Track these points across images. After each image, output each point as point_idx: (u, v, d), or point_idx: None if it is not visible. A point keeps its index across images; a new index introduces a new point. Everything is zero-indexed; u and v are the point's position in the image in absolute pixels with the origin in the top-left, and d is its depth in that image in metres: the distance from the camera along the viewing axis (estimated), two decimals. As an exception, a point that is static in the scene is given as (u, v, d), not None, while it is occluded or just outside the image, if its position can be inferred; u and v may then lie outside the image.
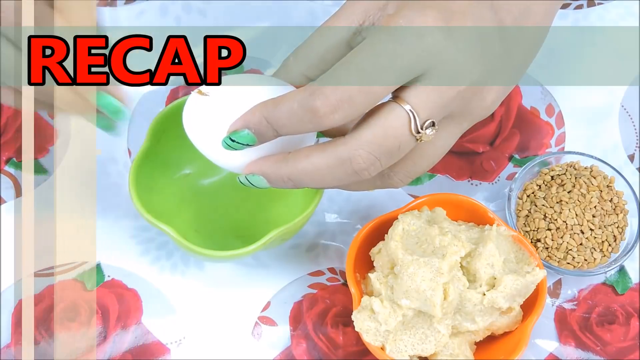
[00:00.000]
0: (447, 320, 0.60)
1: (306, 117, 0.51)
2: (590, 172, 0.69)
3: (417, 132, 0.52)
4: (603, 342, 0.66)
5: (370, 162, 0.52)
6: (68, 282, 0.67)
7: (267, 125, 0.53)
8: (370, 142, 0.52)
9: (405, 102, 0.52)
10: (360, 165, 0.52)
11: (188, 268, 0.68)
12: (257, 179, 0.56)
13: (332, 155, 0.53)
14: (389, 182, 0.57)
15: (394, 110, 0.52)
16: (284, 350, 0.65)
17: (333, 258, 0.69)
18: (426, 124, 0.52)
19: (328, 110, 0.51)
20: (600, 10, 0.80)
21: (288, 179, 0.54)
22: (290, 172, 0.54)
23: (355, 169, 0.53)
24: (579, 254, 0.66)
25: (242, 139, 0.54)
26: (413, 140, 0.53)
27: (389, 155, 0.53)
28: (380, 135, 0.52)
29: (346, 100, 0.51)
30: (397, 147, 0.53)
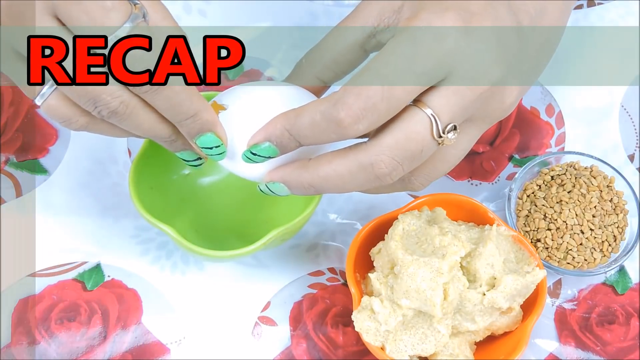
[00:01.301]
0: (447, 320, 0.60)
1: (330, 128, 0.51)
2: (590, 172, 0.69)
3: (439, 137, 0.52)
4: (603, 342, 0.66)
5: (392, 167, 0.52)
6: (68, 282, 0.67)
7: (289, 137, 0.53)
8: (392, 147, 0.52)
9: (427, 106, 0.52)
10: (383, 170, 0.52)
11: (188, 268, 0.68)
12: (278, 186, 0.56)
13: (354, 161, 0.53)
14: (409, 186, 0.57)
15: (416, 115, 0.52)
16: (284, 350, 0.65)
17: (333, 258, 0.69)
18: (448, 128, 0.52)
19: (352, 120, 0.51)
20: (600, 10, 0.80)
21: (310, 186, 0.54)
22: (312, 179, 0.54)
23: (378, 174, 0.52)
24: (579, 254, 0.66)
25: (263, 151, 0.54)
26: (435, 145, 0.53)
27: (412, 160, 0.52)
28: (402, 140, 0.52)
29: (370, 109, 0.50)
30: (420, 151, 0.52)
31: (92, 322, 0.66)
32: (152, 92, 0.51)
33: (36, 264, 0.68)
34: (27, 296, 0.67)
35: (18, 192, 0.70)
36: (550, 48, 0.59)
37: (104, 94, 0.51)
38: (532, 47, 0.56)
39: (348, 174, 0.53)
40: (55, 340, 0.65)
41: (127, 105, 0.52)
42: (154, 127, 0.54)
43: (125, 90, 0.52)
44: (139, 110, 0.53)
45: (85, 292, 0.67)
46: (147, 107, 0.53)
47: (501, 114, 0.56)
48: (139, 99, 0.52)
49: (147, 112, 0.53)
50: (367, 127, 0.51)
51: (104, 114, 0.52)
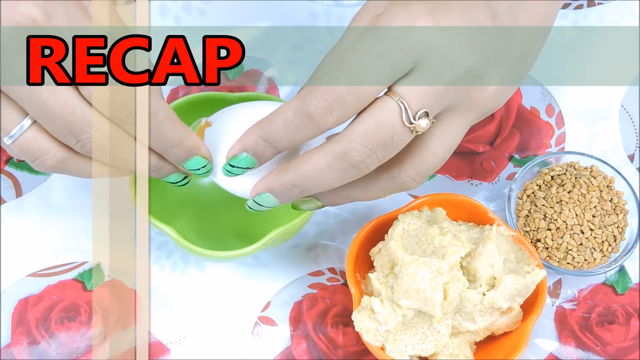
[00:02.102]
0: (447, 320, 0.60)
1: (302, 123, 0.52)
2: (590, 172, 0.69)
3: (410, 123, 0.52)
4: (603, 342, 0.66)
5: (365, 154, 0.52)
6: (68, 282, 0.67)
7: (264, 143, 0.53)
8: (363, 134, 0.52)
9: (396, 94, 0.52)
10: (356, 158, 0.52)
11: (188, 268, 0.68)
12: (264, 197, 0.56)
13: (329, 153, 0.53)
14: (401, 183, 0.56)
15: (386, 103, 0.52)
16: (284, 350, 0.65)
17: (333, 258, 0.69)
18: (419, 114, 0.52)
19: (322, 112, 0.51)
20: (600, 10, 0.80)
21: (292, 186, 0.54)
22: (293, 179, 0.54)
23: (352, 163, 0.53)
24: (579, 254, 0.66)
25: (241, 162, 0.55)
26: (407, 131, 0.53)
27: (384, 147, 0.53)
28: (372, 128, 0.52)
29: (338, 101, 0.51)
30: (391, 138, 0.52)
31: (92, 322, 0.66)
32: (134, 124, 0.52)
33: (36, 264, 0.68)
34: (27, 296, 0.67)
35: (18, 192, 0.70)
36: (535, 43, 0.58)
37: (86, 126, 0.52)
38: (513, 40, 0.56)
39: (326, 167, 0.53)
40: (55, 340, 0.65)
41: (111, 139, 0.53)
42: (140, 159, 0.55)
43: (107, 122, 0.52)
44: (122, 142, 0.54)
45: (85, 292, 0.67)
46: (131, 139, 0.54)
47: (486, 103, 0.56)
48: (122, 131, 0.53)
49: (131, 143, 0.54)
50: (338, 118, 0.52)
51: (86, 149, 0.53)
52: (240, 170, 0.55)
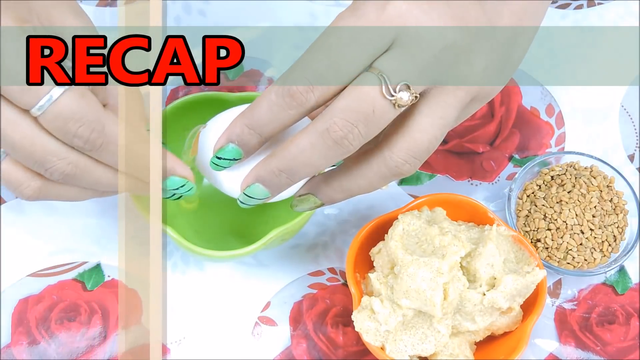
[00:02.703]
0: (447, 320, 0.60)
1: (285, 103, 0.52)
2: (590, 172, 0.69)
3: (391, 95, 0.51)
4: (603, 342, 0.66)
5: (347, 129, 0.52)
6: (68, 282, 0.67)
7: (249, 132, 0.53)
8: (344, 109, 0.52)
9: (376, 69, 0.52)
10: (338, 133, 0.52)
11: (188, 268, 0.68)
12: (254, 188, 0.55)
13: (312, 132, 0.52)
14: (393, 166, 0.55)
15: (365, 78, 0.52)
16: (284, 350, 0.65)
17: (333, 258, 0.69)
18: (399, 87, 0.52)
19: (303, 89, 0.51)
20: (600, 10, 0.80)
21: (280, 171, 0.54)
22: (279, 163, 0.54)
23: (334, 138, 0.52)
24: (579, 254, 0.66)
25: (227, 154, 0.54)
26: (388, 105, 0.52)
27: (365, 121, 0.52)
28: (353, 102, 0.52)
29: (318, 79, 0.51)
30: (372, 111, 0.52)
31: (92, 322, 0.66)
32: (97, 151, 0.52)
33: (36, 264, 0.68)
34: (27, 296, 0.67)
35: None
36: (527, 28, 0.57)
37: (49, 155, 0.52)
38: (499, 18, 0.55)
39: (309, 146, 0.53)
40: (55, 340, 0.65)
41: (77, 166, 0.53)
42: (115, 180, 0.55)
43: (72, 151, 0.52)
44: (92, 168, 0.54)
45: (85, 292, 0.67)
46: (100, 164, 0.54)
47: (475, 79, 0.55)
48: (89, 157, 0.53)
49: (101, 168, 0.54)
50: (319, 96, 0.52)
51: (56, 177, 0.53)
52: (227, 162, 0.55)
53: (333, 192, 0.57)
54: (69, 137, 0.52)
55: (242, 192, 0.56)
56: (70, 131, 0.51)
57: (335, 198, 0.57)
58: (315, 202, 0.58)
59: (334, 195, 0.57)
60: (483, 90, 0.56)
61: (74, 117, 0.51)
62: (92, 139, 0.52)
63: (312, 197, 0.58)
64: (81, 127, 0.51)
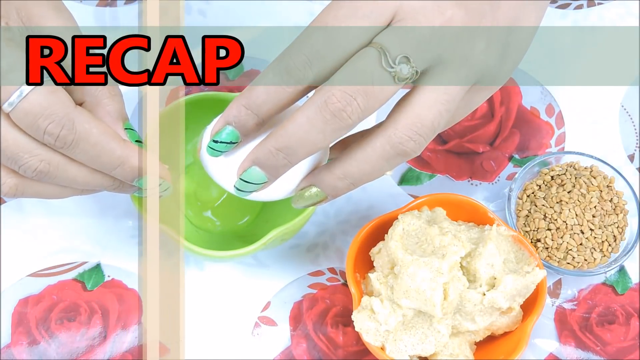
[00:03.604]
0: (447, 320, 0.60)
1: (282, 80, 0.51)
2: (590, 172, 0.69)
3: (390, 67, 0.51)
4: (603, 342, 0.66)
5: (345, 100, 0.51)
6: (68, 282, 0.67)
7: (246, 112, 0.52)
8: (341, 81, 0.51)
9: (376, 44, 0.51)
10: (336, 104, 0.51)
11: (188, 268, 0.68)
12: (250, 172, 0.54)
13: (309, 106, 0.51)
14: (398, 144, 0.53)
15: (365, 51, 0.51)
16: (284, 350, 0.65)
17: (333, 258, 0.69)
18: (398, 59, 0.51)
19: (301, 66, 0.51)
20: (600, 10, 0.80)
21: (277, 151, 0.52)
22: (276, 142, 0.52)
23: (332, 110, 0.51)
24: (579, 254, 0.66)
25: (224, 137, 0.53)
26: (388, 77, 0.51)
27: (365, 93, 0.51)
28: (351, 73, 0.51)
29: (315, 55, 0.51)
30: (371, 82, 0.51)
31: (92, 322, 0.66)
32: (68, 148, 0.52)
33: (36, 264, 0.68)
34: (27, 296, 0.67)
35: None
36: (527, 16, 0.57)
37: (20, 152, 0.52)
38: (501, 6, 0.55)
39: (307, 122, 0.51)
40: (55, 340, 0.65)
41: (50, 163, 0.53)
42: (91, 179, 0.55)
43: (45, 149, 0.52)
44: (66, 165, 0.54)
45: (85, 292, 0.67)
46: (75, 162, 0.54)
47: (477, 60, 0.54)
48: (63, 155, 0.53)
49: (76, 166, 0.54)
50: (317, 73, 0.51)
51: (29, 174, 0.53)
52: (224, 145, 0.53)
53: (336, 180, 0.54)
54: (39, 134, 0.52)
55: (239, 178, 0.54)
56: (41, 128, 0.51)
57: (339, 187, 0.55)
58: (317, 194, 0.55)
59: (337, 183, 0.54)
60: (486, 74, 0.55)
61: (44, 113, 0.51)
62: (62, 136, 0.52)
63: (314, 189, 0.56)
64: (51, 123, 0.51)
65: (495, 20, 0.54)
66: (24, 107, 0.50)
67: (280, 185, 0.56)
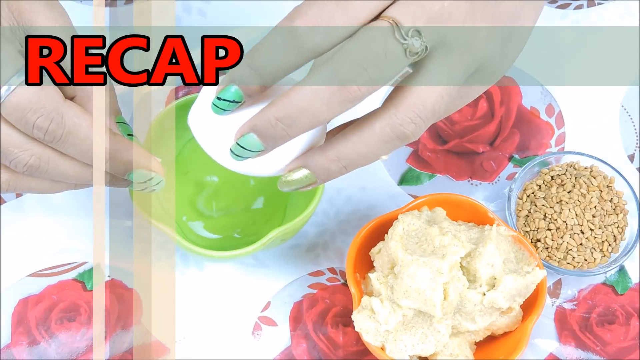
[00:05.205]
0: (447, 320, 0.60)
1: (286, 41, 0.49)
2: (590, 172, 0.69)
3: (404, 39, 0.49)
4: (603, 342, 0.66)
5: (356, 71, 0.49)
6: (68, 282, 0.67)
7: (250, 71, 0.50)
8: (353, 49, 0.49)
9: (387, 16, 0.50)
10: (345, 74, 0.49)
11: (188, 268, 0.68)
12: (248, 138, 0.52)
13: (315, 75, 0.49)
14: (398, 125, 0.51)
15: (376, 23, 0.49)
16: (284, 350, 0.65)
17: (333, 258, 0.69)
18: (411, 32, 0.49)
19: (307, 29, 0.49)
20: (600, 10, 0.80)
21: (276, 121, 0.50)
22: (277, 110, 0.50)
23: (341, 80, 0.49)
24: (579, 254, 0.66)
25: (229, 95, 0.51)
26: (400, 49, 0.49)
27: (376, 64, 0.49)
28: (364, 43, 0.49)
29: (324, 18, 0.49)
30: (384, 53, 0.49)
31: (92, 322, 0.66)
32: (58, 142, 0.52)
33: (36, 264, 0.68)
34: (27, 296, 0.67)
35: (18, 193, 0.70)
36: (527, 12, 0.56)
37: (10, 147, 0.52)
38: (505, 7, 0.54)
39: (312, 91, 0.49)
40: (55, 340, 0.65)
41: (40, 158, 0.53)
42: (82, 173, 0.55)
43: (35, 143, 0.52)
44: (56, 160, 0.54)
45: (85, 292, 0.67)
46: (65, 156, 0.54)
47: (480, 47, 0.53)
48: (53, 150, 0.53)
49: (67, 160, 0.54)
50: (324, 38, 0.49)
51: (20, 169, 0.53)
52: (228, 104, 0.51)
53: (328, 162, 0.52)
54: (29, 129, 0.52)
55: (236, 142, 0.52)
56: (30, 122, 0.51)
57: (331, 169, 0.52)
58: (307, 177, 0.53)
59: (329, 165, 0.52)
60: (486, 63, 0.54)
61: (32, 107, 0.51)
62: (51, 130, 0.52)
63: (303, 171, 0.53)
64: (40, 117, 0.51)
65: (497, 12, 0.54)
66: (12, 101, 0.50)
67: (274, 160, 0.53)
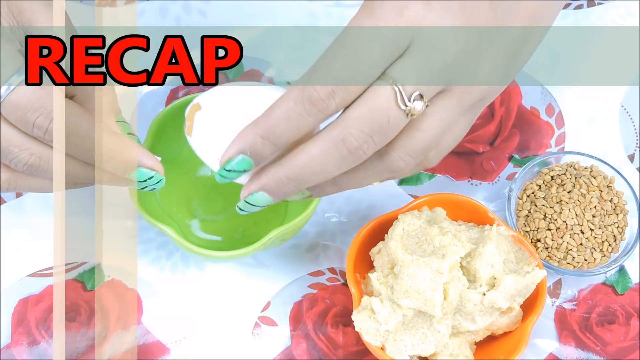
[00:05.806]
0: (447, 320, 0.60)
1: (305, 110, 0.50)
2: (590, 172, 0.69)
3: (405, 105, 0.51)
4: (603, 342, 0.66)
5: (362, 139, 0.51)
6: (68, 282, 0.67)
7: (263, 142, 0.52)
8: (359, 118, 0.51)
9: (390, 78, 0.51)
10: (353, 143, 0.51)
11: (188, 268, 0.68)
12: (258, 197, 0.54)
13: (325, 140, 0.51)
14: (390, 163, 0.54)
15: (380, 87, 0.51)
16: (284, 350, 0.65)
17: (333, 258, 0.69)
18: (413, 97, 0.51)
19: (325, 95, 0.50)
20: (600, 10, 0.80)
21: (288, 180, 0.53)
22: (288, 172, 0.52)
23: (350, 149, 0.51)
24: (579, 254, 0.66)
25: (237, 166, 0.53)
26: (402, 115, 0.51)
27: (380, 131, 0.51)
28: (368, 112, 0.51)
29: (338, 82, 0.50)
30: (387, 121, 0.51)
31: (92, 322, 0.66)
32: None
33: (36, 264, 0.68)
34: (27, 296, 0.67)
35: (18, 192, 0.70)
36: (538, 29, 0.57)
37: (10, 146, 0.52)
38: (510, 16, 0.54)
39: (322, 155, 0.51)
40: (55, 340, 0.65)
41: (40, 157, 0.53)
42: (82, 172, 0.55)
43: (35, 142, 0.52)
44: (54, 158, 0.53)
45: (85, 292, 0.67)
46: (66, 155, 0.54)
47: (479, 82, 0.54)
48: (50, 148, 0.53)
49: (67, 159, 0.54)
50: (339, 102, 0.51)
51: (20, 168, 0.53)
52: (236, 174, 0.53)
53: (326, 186, 0.56)
54: (29, 127, 0.52)
55: (244, 199, 0.54)
56: (29, 121, 0.51)
57: (327, 191, 0.56)
58: (306, 194, 0.57)
59: (326, 189, 0.56)
60: (487, 94, 0.55)
61: (32, 106, 0.51)
62: (51, 129, 0.52)
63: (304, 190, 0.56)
64: (39, 116, 0.51)
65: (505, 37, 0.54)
66: (12, 100, 0.51)
67: None
